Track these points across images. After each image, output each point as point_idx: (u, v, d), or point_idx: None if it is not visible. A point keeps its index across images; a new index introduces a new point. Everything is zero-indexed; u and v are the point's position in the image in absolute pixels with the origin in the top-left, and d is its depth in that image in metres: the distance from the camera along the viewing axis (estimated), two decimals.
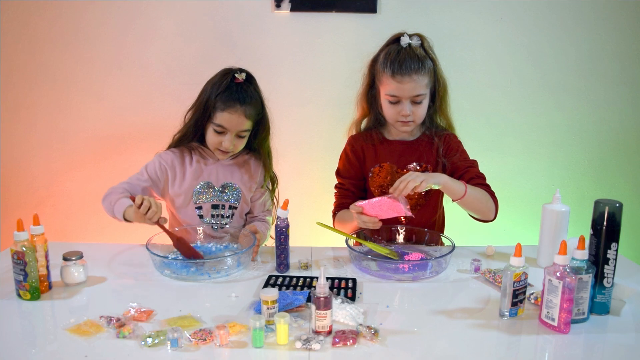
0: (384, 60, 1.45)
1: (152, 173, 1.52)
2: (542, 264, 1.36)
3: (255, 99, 1.48)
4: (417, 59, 1.42)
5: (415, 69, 1.41)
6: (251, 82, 1.49)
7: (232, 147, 1.48)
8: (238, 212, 1.59)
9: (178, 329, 0.96)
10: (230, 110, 1.43)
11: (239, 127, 1.46)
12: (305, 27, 1.98)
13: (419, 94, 1.44)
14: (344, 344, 0.96)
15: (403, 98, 1.44)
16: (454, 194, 1.38)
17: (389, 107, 1.48)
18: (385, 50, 1.47)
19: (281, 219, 1.32)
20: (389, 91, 1.45)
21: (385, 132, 1.59)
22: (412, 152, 1.56)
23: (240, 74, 1.46)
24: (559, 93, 2.08)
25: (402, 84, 1.41)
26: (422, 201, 1.57)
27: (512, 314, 1.08)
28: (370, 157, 1.57)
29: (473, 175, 1.48)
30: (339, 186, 1.63)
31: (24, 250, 1.11)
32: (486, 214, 1.45)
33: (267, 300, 1.01)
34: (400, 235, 1.50)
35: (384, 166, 1.56)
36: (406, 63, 1.41)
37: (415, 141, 1.57)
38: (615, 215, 1.07)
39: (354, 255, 1.36)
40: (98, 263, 1.34)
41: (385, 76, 1.44)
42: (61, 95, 2.02)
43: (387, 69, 1.43)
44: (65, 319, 1.04)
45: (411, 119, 1.46)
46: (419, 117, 1.48)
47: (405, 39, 1.44)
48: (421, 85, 1.43)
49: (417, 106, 1.45)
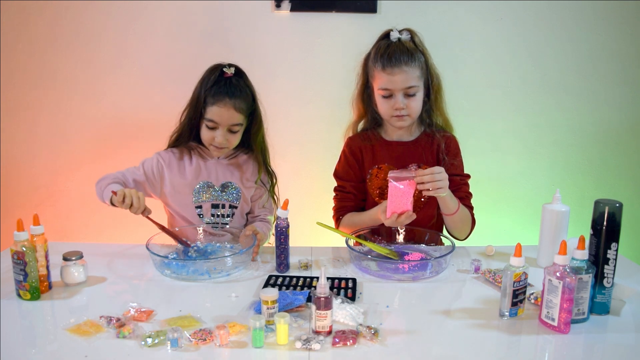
0: (375, 56, 1.46)
1: (148, 170, 1.52)
2: (542, 264, 1.36)
3: (246, 93, 1.48)
4: (407, 51, 1.43)
5: (405, 60, 1.42)
6: (241, 76, 1.50)
7: (225, 142, 1.48)
8: (238, 212, 1.59)
9: (178, 329, 0.96)
10: (219, 104, 1.44)
11: (230, 120, 1.46)
12: (305, 27, 1.98)
13: (411, 86, 1.44)
14: (344, 344, 0.96)
15: (395, 91, 1.44)
16: (446, 209, 1.44)
17: (382, 102, 1.48)
18: (376, 46, 1.49)
19: (281, 219, 1.32)
20: (381, 85, 1.45)
21: (383, 133, 1.59)
22: (412, 153, 1.56)
23: (229, 68, 1.47)
24: (559, 93, 2.08)
25: (393, 76, 1.42)
26: (425, 200, 1.57)
27: (512, 314, 1.08)
28: (368, 158, 1.57)
29: (463, 195, 1.54)
30: (339, 189, 1.62)
31: (24, 250, 1.11)
32: (460, 235, 1.54)
33: (267, 300, 1.01)
34: (400, 235, 1.50)
35: (382, 167, 1.56)
36: (396, 55, 1.42)
37: (414, 141, 1.57)
38: (615, 215, 1.07)
39: (354, 255, 1.36)
40: (98, 263, 1.34)
41: (377, 70, 1.45)
42: (61, 96, 2.02)
43: (378, 63, 1.44)
44: (65, 319, 1.04)
45: (406, 113, 1.46)
46: (414, 110, 1.48)
47: (395, 34, 1.46)
48: (412, 77, 1.43)
49: (411, 99, 1.46)
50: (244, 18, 1.96)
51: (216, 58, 1.53)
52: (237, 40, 1.97)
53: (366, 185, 1.59)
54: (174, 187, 1.54)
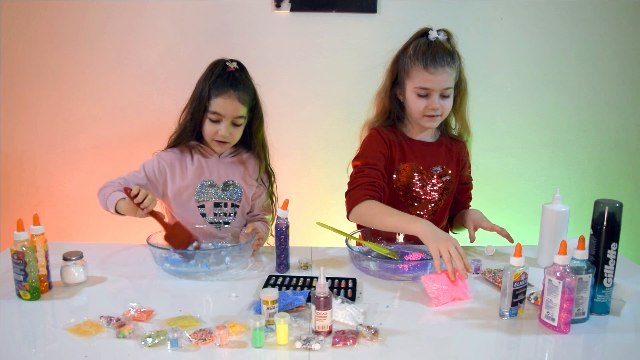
0: (415, 53, 1.42)
1: (150, 172, 1.52)
2: (542, 264, 1.36)
3: (248, 86, 1.49)
4: (448, 52, 1.41)
5: (448, 61, 1.40)
6: (242, 70, 1.52)
7: (228, 134, 1.48)
8: (240, 211, 1.59)
9: (178, 329, 0.96)
10: (224, 95, 1.44)
11: (234, 112, 1.46)
12: (305, 27, 1.98)
13: (449, 87, 1.43)
14: (344, 344, 0.96)
15: (434, 91, 1.42)
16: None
17: (416, 101, 1.45)
18: (415, 44, 1.44)
19: (281, 219, 1.32)
20: (419, 84, 1.42)
21: (406, 131, 1.56)
22: (435, 155, 1.54)
23: (231, 63, 1.48)
24: (559, 93, 2.08)
25: (435, 76, 1.40)
26: (436, 208, 1.56)
27: (512, 314, 1.08)
28: (395, 152, 1.52)
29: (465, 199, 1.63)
30: (369, 166, 1.45)
31: (24, 250, 1.11)
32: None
33: (267, 300, 1.01)
34: (400, 235, 1.50)
35: (407, 165, 1.53)
36: (439, 55, 1.40)
37: (436, 143, 1.56)
38: (615, 215, 1.06)
39: (354, 255, 1.36)
40: (98, 263, 1.34)
41: (416, 69, 1.42)
42: (61, 96, 2.02)
43: (419, 61, 1.41)
44: (65, 319, 1.04)
45: (439, 113, 1.45)
46: (446, 111, 1.47)
47: (434, 33, 1.43)
48: (451, 78, 1.43)
49: (445, 100, 1.45)
50: (244, 18, 1.96)
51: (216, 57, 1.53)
52: (237, 40, 1.97)
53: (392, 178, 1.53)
54: (176, 188, 1.53)
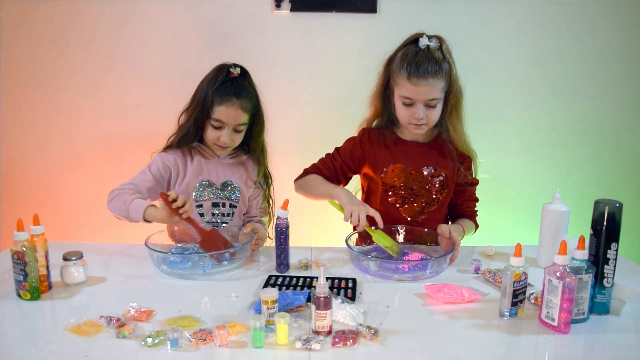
0: (401, 62, 1.41)
1: (156, 172, 1.52)
2: (542, 264, 1.36)
3: (251, 93, 1.49)
4: (435, 62, 1.38)
5: (432, 72, 1.38)
6: (245, 76, 1.51)
7: (230, 141, 1.49)
8: (237, 211, 1.59)
9: (178, 329, 0.96)
10: (227, 104, 1.44)
11: (236, 120, 1.47)
12: (305, 27, 1.98)
13: (434, 98, 1.41)
14: (344, 344, 0.96)
15: (417, 101, 1.41)
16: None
17: (402, 109, 1.46)
18: (403, 51, 1.43)
19: (281, 219, 1.32)
20: (403, 93, 1.42)
21: (399, 132, 1.57)
22: (427, 155, 1.54)
23: (234, 69, 1.48)
24: (559, 93, 2.07)
25: (418, 87, 1.39)
26: (434, 206, 1.55)
27: (512, 314, 1.08)
28: (382, 155, 1.54)
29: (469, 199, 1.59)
30: (330, 158, 1.61)
31: (24, 250, 1.11)
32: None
33: (267, 300, 1.01)
34: (400, 235, 1.50)
35: (397, 166, 1.53)
36: (423, 66, 1.37)
37: (430, 144, 1.55)
38: (615, 215, 1.07)
39: (354, 255, 1.36)
40: (98, 263, 1.34)
41: (401, 78, 1.41)
42: (61, 96, 2.02)
43: (404, 70, 1.40)
44: (65, 319, 1.04)
45: (424, 122, 1.44)
46: (432, 120, 1.46)
47: (424, 41, 1.40)
48: (436, 89, 1.40)
49: (431, 110, 1.44)
50: (244, 18, 1.96)
51: (216, 58, 1.53)
52: (237, 40, 1.97)
53: (380, 179, 1.54)
54: (177, 187, 1.54)
